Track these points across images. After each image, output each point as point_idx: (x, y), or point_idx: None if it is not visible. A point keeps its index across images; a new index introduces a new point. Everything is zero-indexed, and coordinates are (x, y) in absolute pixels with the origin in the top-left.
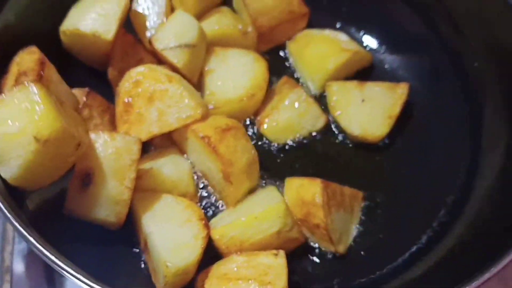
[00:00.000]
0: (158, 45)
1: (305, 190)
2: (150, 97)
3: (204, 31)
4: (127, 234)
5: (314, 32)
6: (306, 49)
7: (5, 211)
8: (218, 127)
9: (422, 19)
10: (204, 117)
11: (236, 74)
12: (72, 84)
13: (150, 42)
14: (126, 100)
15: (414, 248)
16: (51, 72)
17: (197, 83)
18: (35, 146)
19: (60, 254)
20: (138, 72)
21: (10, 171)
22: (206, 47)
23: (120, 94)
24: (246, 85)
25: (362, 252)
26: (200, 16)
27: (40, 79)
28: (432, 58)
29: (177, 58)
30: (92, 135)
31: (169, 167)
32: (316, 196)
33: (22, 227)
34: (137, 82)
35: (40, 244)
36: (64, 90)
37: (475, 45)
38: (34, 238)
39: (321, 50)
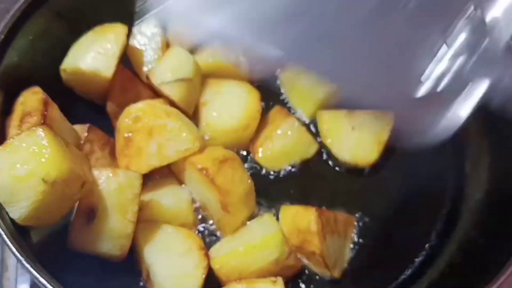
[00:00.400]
0: (155, 80)
1: (301, 218)
2: (150, 132)
3: (199, 65)
4: (130, 265)
5: None
6: (297, 79)
7: (10, 244)
8: (216, 158)
9: None
10: (201, 149)
11: (231, 105)
12: (72, 119)
13: (147, 76)
14: (126, 135)
15: (408, 271)
16: (54, 110)
17: (193, 115)
18: (44, 187)
19: (63, 286)
20: (137, 109)
21: (19, 212)
22: (201, 80)
23: (120, 130)
24: (241, 116)
25: (357, 276)
26: (194, 49)
27: (44, 119)
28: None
29: (174, 92)
30: (96, 172)
31: (168, 198)
32: (311, 224)
33: (26, 260)
34: (137, 118)
35: (43, 277)
36: (66, 127)
37: None
38: (37, 271)
39: (311, 80)
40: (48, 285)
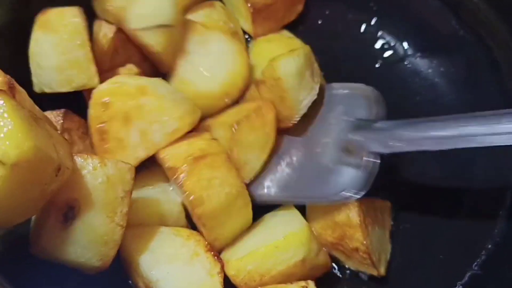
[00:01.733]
0: (129, 25)
1: (337, 210)
2: (126, 117)
3: (181, 12)
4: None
5: None
6: None
7: None
8: (190, 155)
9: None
10: (195, 122)
11: (214, 64)
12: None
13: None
14: (99, 126)
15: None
16: (22, 96)
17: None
18: (1, 172)
19: None
20: (103, 91)
21: None
22: (184, 31)
23: (91, 122)
24: (222, 81)
25: (401, 270)
26: (188, 8)
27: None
28: (468, 60)
29: (154, 41)
30: (79, 160)
31: (157, 197)
32: (351, 216)
33: None
34: (106, 104)
35: None
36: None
37: None
38: None
39: None
40: None
